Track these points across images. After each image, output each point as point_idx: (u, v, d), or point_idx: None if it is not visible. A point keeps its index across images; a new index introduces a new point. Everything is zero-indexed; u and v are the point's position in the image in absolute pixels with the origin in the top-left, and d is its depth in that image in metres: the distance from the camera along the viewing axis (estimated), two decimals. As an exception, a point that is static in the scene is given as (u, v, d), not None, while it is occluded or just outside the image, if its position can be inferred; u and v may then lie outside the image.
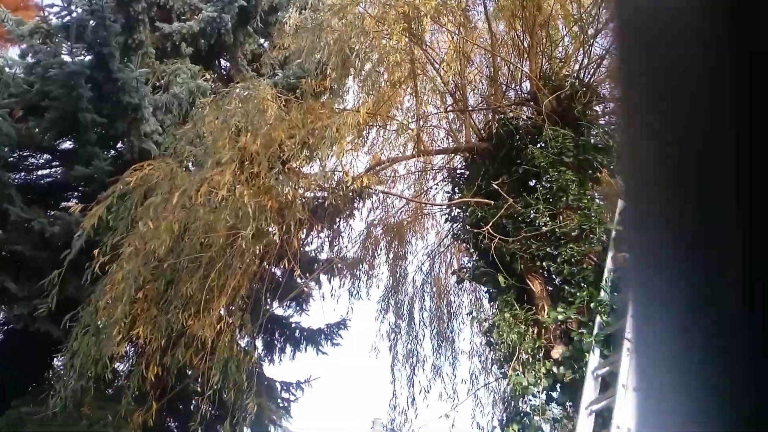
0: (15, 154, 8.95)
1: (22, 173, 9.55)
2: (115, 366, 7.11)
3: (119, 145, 9.51)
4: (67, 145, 9.32)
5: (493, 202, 7.01)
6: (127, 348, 7.10)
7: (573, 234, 6.17)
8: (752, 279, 0.38)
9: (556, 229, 6.28)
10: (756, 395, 0.36)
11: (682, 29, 0.43)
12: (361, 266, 10.06)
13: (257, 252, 6.54)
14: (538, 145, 6.85)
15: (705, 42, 0.41)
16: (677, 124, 0.43)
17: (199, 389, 7.71)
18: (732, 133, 0.40)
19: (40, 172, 9.90)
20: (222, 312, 6.87)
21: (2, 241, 7.46)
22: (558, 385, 5.91)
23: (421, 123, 8.71)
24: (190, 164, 7.85)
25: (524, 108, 8.13)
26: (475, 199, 7.03)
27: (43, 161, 9.80)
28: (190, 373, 7.83)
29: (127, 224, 6.40)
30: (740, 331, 0.38)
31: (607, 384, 5.02)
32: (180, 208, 6.02)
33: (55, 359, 9.12)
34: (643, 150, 0.47)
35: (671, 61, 0.44)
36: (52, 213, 8.00)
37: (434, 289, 10.32)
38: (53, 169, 9.92)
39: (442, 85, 8.25)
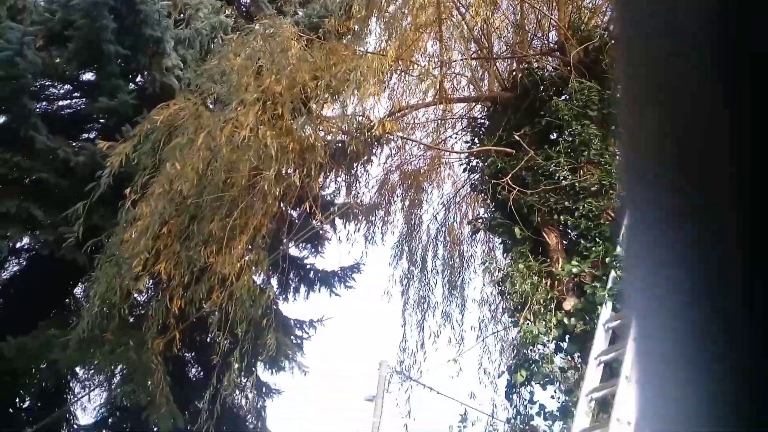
0: (37, 84, 8.96)
1: (44, 103, 9.58)
2: (137, 297, 7.31)
3: (139, 79, 9.51)
4: (89, 76, 9.31)
5: (513, 153, 6.99)
6: (149, 281, 7.29)
7: (592, 189, 6.17)
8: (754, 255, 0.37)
9: (576, 184, 6.27)
10: (756, 394, 0.36)
11: (682, 21, 0.42)
12: (376, 212, 10.15)
13: (278, 193, 6.61)
14: (563, 97, 6.77)
15: (704, 37, 0.41)
16: (676, 112, 0.43)
17: (216, 323, 7.97)
18: (732, 117, 0.39)
19: (61, 103, 9.94)
20: (241, 250, 7.00)
21: (28, 168, 7.58)
22: (567, 336, 6.04)
23: (444, 69, 8.58)
24: (213, 103, 7.84)
25: (550, 58, 7.98)
26: (496, 149, 7.00)
27: (64, 92, 9.82)
28: (208, 307, 8.06)
29: (153, 162, 6.47)
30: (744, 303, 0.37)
31: (617, 336, 5.13)
32: (205, 148, 6.06)
33: (78, 286, 9.40)
34: (642, 140, 0.46)
35: (670, 53, 0.44)
36: (76, 144, 8.08)
37: (448, 239, 10.41)
38: (74, 100, 9.94)
39: (467, 31, 8.08)
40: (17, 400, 9.88)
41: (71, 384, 10.43)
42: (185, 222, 6.54)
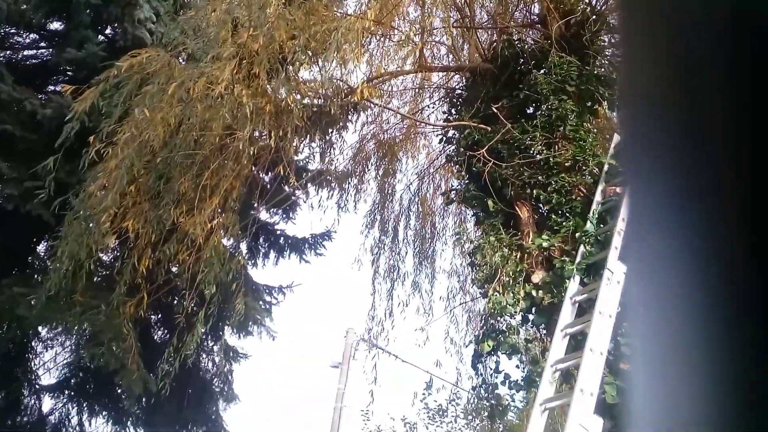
0: (1, 31, 8.61)
1: (8, 52, 9.21)
2: (105, 258, 7.18)
3: (109, 31, 9.18)
4: (57, 25, 8.97)
5: (489, 128, 6.98)
6: (117, 241, 7.14)
7: (566, 164, 6.21)
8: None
9: (550, 158, 6.30)
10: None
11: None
12: (350, 179, 10.08)
13: (251, 155, 6.49)
14: (542, 71, 6.75)
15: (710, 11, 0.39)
16: (678, 62, 0.41)
17: (183, 285, 7.88)
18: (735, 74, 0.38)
19: (26, 53, 9.57)
20: (211, 211, 6.90)
21: (-8, 120, 7.31)
22: (534, 308, 6.13)
23: (425, 37, 8.47)
24: (185, 57, 7.62)
25: (531, 31, 7.94)
26: (474, 124, 6.98)
27: (29, 41, 9.45)
28: (176, 269, 7.96)
29: (121, 112, 6.25)
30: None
31: (584, 310, 5.23)
32: (177, 101, 5.89)
33: (42, 244, 9.19)
34: (644, 94, 0.45)
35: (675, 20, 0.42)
36: (42, 95, 7.79)
37: (420, 209, 10.43)
38: (40, 50, 9.58)
39: (450, -3, 7.97)
40: (-23, 358, 9.71)
41: (33, 343, 10.27)
42: (154, 180, 6.39)
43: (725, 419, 0.36)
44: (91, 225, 6.18)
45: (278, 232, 10.67)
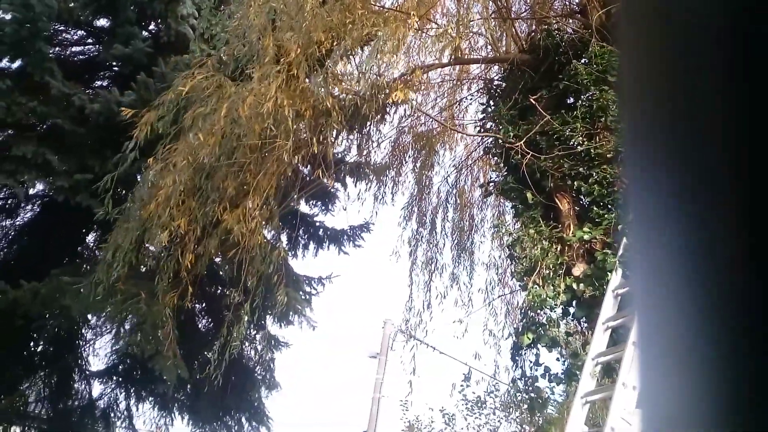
0: (51, 28, 8.89)
1: (57, 48, 9.52)
2: (150, 248, 7.40)
3: (153, 27, 9.40)
4: (103, 22, 9.22)
5: (529, 117, 6.92)
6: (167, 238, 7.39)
7: (608, 155, 6.12)
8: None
9: (591, 150, 6.22)
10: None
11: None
12: (388, 172, 10.12)
13: (291, 155, 6.62)
14: (582, 61, 6.65)
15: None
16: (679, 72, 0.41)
17: (226, 277, 8.06)
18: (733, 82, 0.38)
19: (74, 49, 9.87)
20: (251, 205, 7.05)
21: (43, 114, 7.58)
22: (575, 301, 6.09)
23: (462, 29, 8.43)
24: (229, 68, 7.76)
25: (571, 21, 7.82)
26: (502, 137, 6.96)
27: (77, 37, 9.74)
28: (219, 260, 8.16)
29: (175, 129, 6.51)
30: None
31: (626, 303, 5.17)
32: (227, 118, 6.08)
33: (90, 235, 9.51)
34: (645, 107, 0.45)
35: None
36: (90, 91, 8.05)
37: (458, 201, 10.40)
38: (87, 47, 9.87)
39: (488, -12, 7.92)
40: (31, 344, 10.12)
41: (83, 331, 10.65)
42: (200, 180, 6.59)
43: (726, 419, 0.36)
44: (145, 229, 6.43)
45: (317, 224, 10.80)
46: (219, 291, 9.58)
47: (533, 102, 6.74)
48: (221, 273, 8.57)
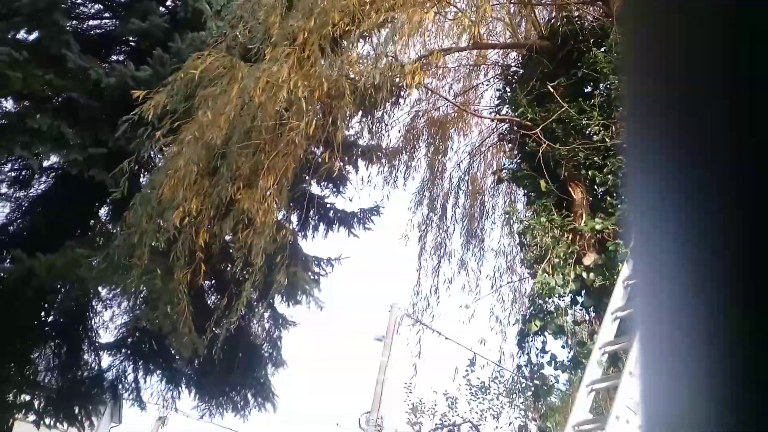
0: (68, 1, 8.89)
1: (74, 21, 9.51)
2: (165, 226, 7.46)
3: (170, 2, 9.37)
4: (121, -5, 9.20)
5: (546, 104, 6.87)
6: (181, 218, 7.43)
7: (624, 146, 6.07)
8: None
9: (607, 139, 6.18)
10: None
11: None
12: (400, 156, 10.10)
13: (304, 136, 6.61)
14: (602, 49, 6.58)
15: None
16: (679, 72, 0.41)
17: (236, 255, 8.10)
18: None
19: (91, 23, 9.86)
20: (265, 188, 7.06)
21: (59, 86, 7.60)
22: (584, 291, 6.08)
23: (480, 13, 8.34)
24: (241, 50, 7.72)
25: (591, 8, 7.73)
26: (519, 119, 6.89)
27: (94, 11, 9.72)
28: (229, 238, 8.19)
29: (185, 107, 6.51)
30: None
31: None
32: (237, 98, 6.07)
33: (103, 208, 9.57)
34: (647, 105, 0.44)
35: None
36: (106, 65, 8.06)
37: (470, 188, 10.38)
38: (104, 21, 9.86)
39: (508, -28, 7.83)
40: (42, 314, 10.24)
41: (93, 303, 10.76)
42: (215, 160, 6.61)
43: (727, 419, 0.36)
44: (161, 211, 6.48)
45: (328, 206, 10.80)
46: (228, 268, 9.63)
47: (551, 89, 6.69)
48: (231, 251, 8.62)
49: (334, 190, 10.85)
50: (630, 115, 0.46)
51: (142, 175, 6.76)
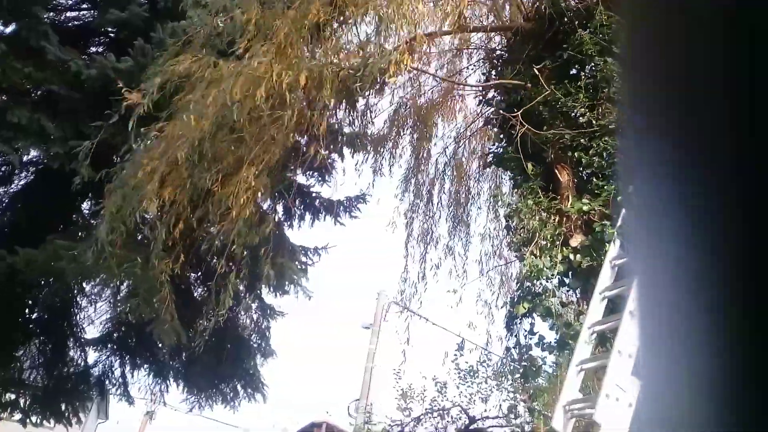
0: (44, -8, 8.70)
1: (51, 13, 9.33)
2: (145, 216, 7.36)
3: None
4: (99, -14, 9.03)
5: (531, 87, 6.88)
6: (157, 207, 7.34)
7: (610, 127, 6.11)
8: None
9: (593, 121, 6.21)
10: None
11: None
12: (385, 143, 10.08)
13: (287, 126, 6.55)
14: (587, 31, 6.59)
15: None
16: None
17: (219, 246, 8.04)
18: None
19: (69, 14, 9.68)
20: (246, 176, 7.00)
21: (38, 79, 7.45)
22: (571, 272, 6.13)
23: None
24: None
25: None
26: (515, 81, 6.87)
27: (72, 2, 9.54)
28: (214, 230, 8.12)
29: (167, 108, 6.43)
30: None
31: (623, 274, 5.20)
32: (218, 100, 5.99)
33: (85, 202, 9.43)
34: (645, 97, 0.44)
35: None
36: (86, 57, 7.91)
37: (455, 174, 10.40)
38: (82, 12, 9.68)
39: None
40: (26, 311, 10.10)
41: (78, 299, 10.63)
42: (193, 154, 6.54)
43: (727, 419, 0.36)
44: (135, 196, 6.39)
45: (313, 195, 10.75)
46: (214, 261, 9.58)
47: (536, 72, 6.69)
48: (216, 243, 8.56)
49: (320, 179, 10.80)
50: (625, 98, 0.46)
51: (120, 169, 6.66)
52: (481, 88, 8.27)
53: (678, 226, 0.39)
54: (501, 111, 7.10)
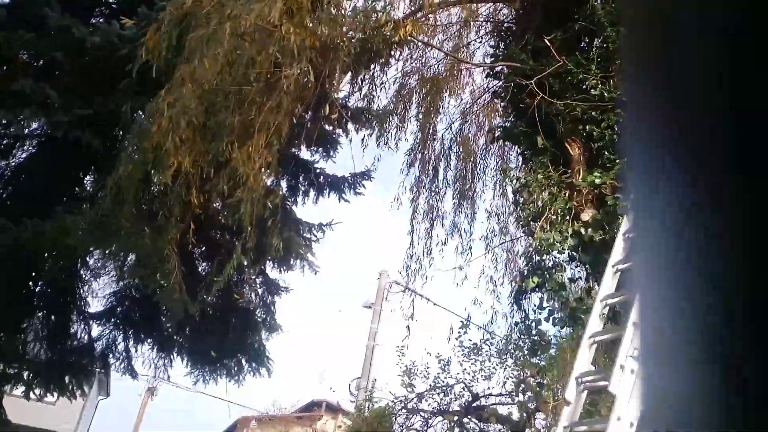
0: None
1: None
2: (153, 187, 7.28)
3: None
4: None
5: (540, 62, 6.76)
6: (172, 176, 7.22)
7: (623, 98, 6.02)
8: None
9: (605, 93, 6.11)
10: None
11: None
12: (391, 118, 9.97)
13: (296, 92, 6.45)
14: (599, 0, 6.48)
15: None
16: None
17: (226, 219, 7.98)
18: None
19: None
20: (258, 148, 6.90)
21: (41, 47, 7.32)
22: (581, 247, 6.08)
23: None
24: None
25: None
26: (519, 63, 6.76)
27: (72, -29, 9.35)
28: (218, 204, 8.06)
29: (177, 51, 6.26)
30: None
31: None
32: (230, 37, 5.84)
33: (89, 174, 9.35)
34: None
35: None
36: (91, 22, 7.77)
37: (461, 149, 10.31)
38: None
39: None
40: (30, 284, 10.07)
41: (82, 272, 10.59)
42: (204, 115, 6.40)
43: (727, 419, 0.35)
44: (149, 163, 6.27)
45: (318, 171, 10.66)
46: (218, 235, 9.52)
47: (546, 43, 6.58)
48: (220, 217, 8.49)
49: (324, 154, 10.70)
50: (630, 69, 0.45)
51: (134, 135, 6.53)
52: (489, 60, 8.15)
53: (687, 202, 0.38)
54: (512, 82, 6.99)
